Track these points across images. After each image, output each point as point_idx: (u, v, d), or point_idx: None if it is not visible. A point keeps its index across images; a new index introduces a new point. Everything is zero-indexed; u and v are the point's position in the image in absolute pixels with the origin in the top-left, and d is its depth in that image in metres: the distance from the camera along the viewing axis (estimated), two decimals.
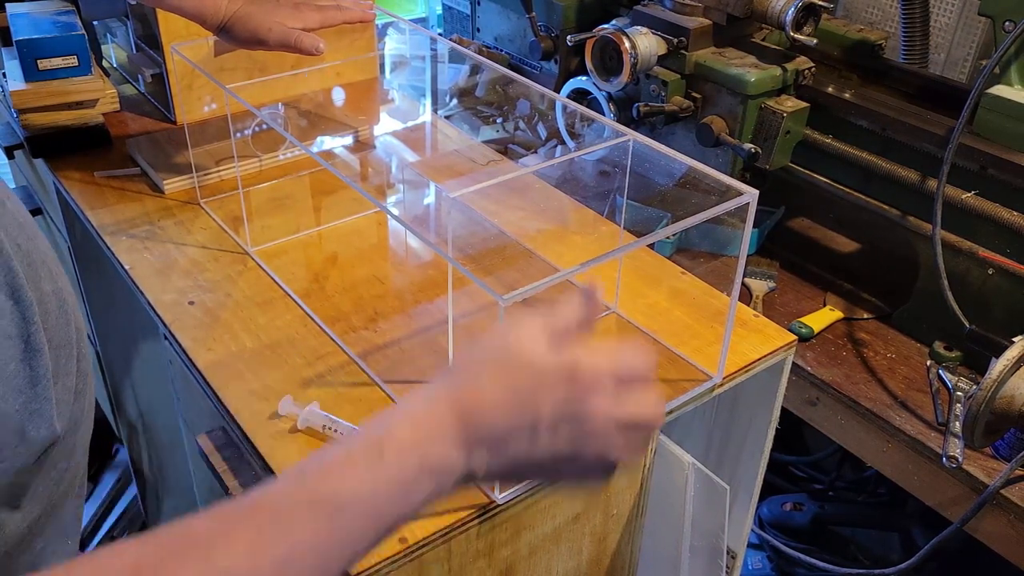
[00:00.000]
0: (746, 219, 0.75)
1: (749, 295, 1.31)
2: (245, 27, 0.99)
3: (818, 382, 1.17)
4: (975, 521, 1.02)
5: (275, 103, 1.32)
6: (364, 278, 1.00)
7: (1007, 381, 0.97)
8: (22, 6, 1.30)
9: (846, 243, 1.45)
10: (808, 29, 1.22)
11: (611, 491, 0.86)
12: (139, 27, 1.37)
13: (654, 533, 0.94)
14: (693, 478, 0.87)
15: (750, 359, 0.90)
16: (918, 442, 1.08)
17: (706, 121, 1.27)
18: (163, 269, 1.00)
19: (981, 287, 1.13)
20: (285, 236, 1.07)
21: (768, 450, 0.99)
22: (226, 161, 1.17)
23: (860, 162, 1.22)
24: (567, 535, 0.84)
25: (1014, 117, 1.07)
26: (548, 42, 1.51)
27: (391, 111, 1.40)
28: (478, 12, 1.69)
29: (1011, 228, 1.08)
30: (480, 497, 0.73)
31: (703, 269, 1.34)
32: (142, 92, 1.41)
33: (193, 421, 0.98)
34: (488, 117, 1.59)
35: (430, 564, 0.72)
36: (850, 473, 1.70)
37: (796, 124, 1.25)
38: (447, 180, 1.20)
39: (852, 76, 1.31)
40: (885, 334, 1.25)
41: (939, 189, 1.09)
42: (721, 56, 1.27)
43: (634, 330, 0.94)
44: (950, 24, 1.51)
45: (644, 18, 1.31)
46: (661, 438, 0.87)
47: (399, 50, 1.47)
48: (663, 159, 0.82)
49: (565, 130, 1.48)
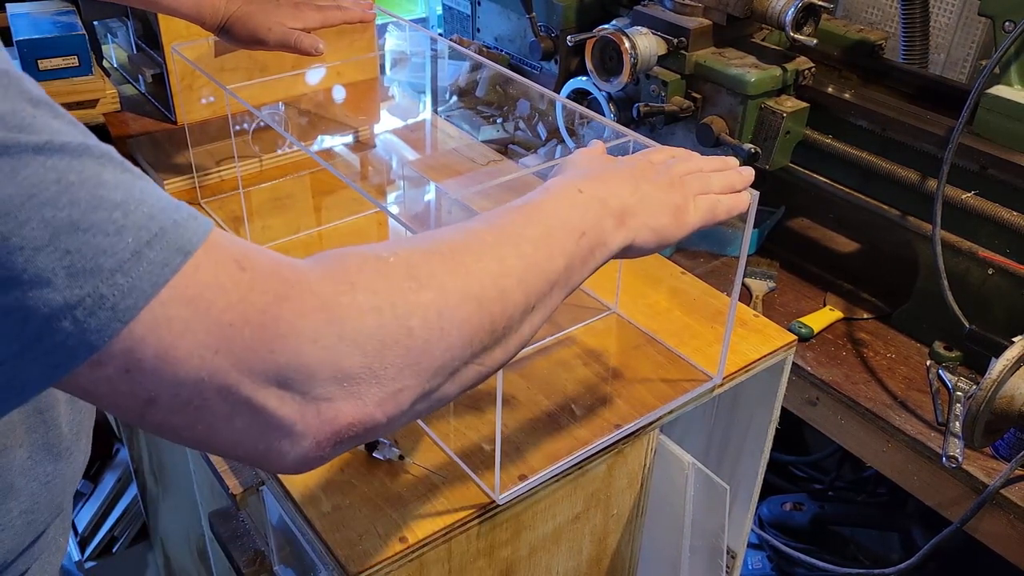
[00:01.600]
0: (746, 219, 0.75)
1: (749, 295, 1.31)
2: (245, 27, 0.99)
3: (818, 382, 1.17)
4: (975, 521, 1.02)
5: (275, 103, 1.32)
6: None
7: (1007, 381, 0.97)
8: (22, 6, 1.30)
9: (846, 243, 1.45)
10: (808, 29, 1.22)
11: (611, 491, 0.86)
12: (140, 27, 1.37)
13: (654, 533, 0.94)
14: (693, 478, 0.87)
15: (750, 359, 0.90)
16: (918, 442, 1.08)
17: (706, 121, 1.27)
18: None
19: (981, 287, 1.13)
20: (285, 236, 1.07)
21: (768, 450, 0.99)
22: (226, 161, 1.17)
23: (860, 162, 1.22)
24: (567, 535, 0.84)
25: (1014, 117, 1.07)
26: (548, 42, 1.51)
27: (391, 109, 1.41)
28: (478, 12, 1.69)
29: (1011, 228, 1.08)
30: (480, 497, 0.73)
31: (703, 269, 1.34)
32: (142, 92, 1.41)
33: None
34: (488, 117, 1.59)
35: (430, 564, 0.72)
36: (850, 473, 1.70)
37: (796, 124, 1.25)
38: (447, 179, 1.20)
39: (852, 76, 1.31)
40: (885, 334, 1.25)
41: (939, 189, 1.09)
42: (721, 56, 1.27)
43: (634, 330, 0.95)
44: (950, 24, 1.51)
45: (644, 18, 1.31)
46: (661, 438, 0.87)
47: (399, 47, 1.48)
48: None
49: (565, 130, 1.48)
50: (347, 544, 0.69)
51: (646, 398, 0.84)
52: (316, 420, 0.46)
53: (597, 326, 0.95)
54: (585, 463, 0.79)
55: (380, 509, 0.72)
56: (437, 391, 0.52)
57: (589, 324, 0.95)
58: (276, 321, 0.44)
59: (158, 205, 0.43)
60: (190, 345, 0.42)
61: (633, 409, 0.83)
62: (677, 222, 0.66)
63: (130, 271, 0.40)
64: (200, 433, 0.45)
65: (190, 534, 1.37)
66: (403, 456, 0.75)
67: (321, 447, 0.47)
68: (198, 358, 0.43)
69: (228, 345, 0.43)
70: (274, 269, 0.46)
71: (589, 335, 0.93)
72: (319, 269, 0.48)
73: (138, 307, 0.41)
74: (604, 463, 0.82)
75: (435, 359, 0.50)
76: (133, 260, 0.41)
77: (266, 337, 0.44)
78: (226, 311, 0.43)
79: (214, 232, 0.45)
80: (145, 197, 0.42)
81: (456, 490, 0.74)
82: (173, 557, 1.67)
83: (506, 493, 0.73)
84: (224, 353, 0.43)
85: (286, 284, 0.46)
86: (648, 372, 0.88)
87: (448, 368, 0.51)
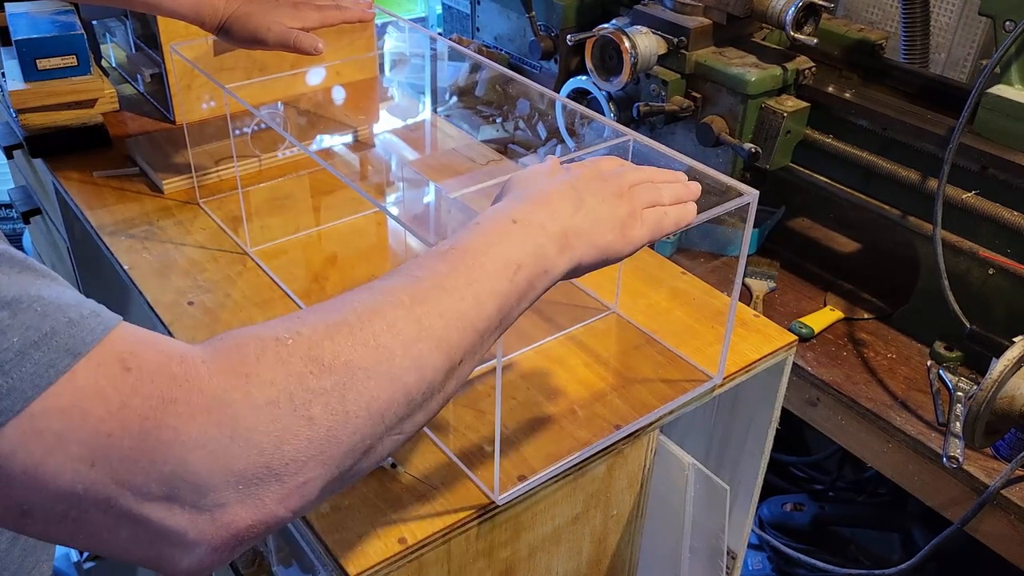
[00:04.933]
0: (747, 219, 0.75)
1: (749, 295, 1.30)
2: (244, 27, 0.99)
3: (818, 382, 1.17)
4: (975, 521, 1.02)
5: (274, 103, 1.32)
6: (364, 278, 1.00)
7: (1007, 381, 0.97)
8: (21, 6, 1.29)
9: (846, 243, 1.45)
10: (808, 29, 1.22)
11: (611, 492, 0.85)
12: (138, 27, 1.37)
13: (654, 534, 0.94)
14: (693, 478, 0.87)
15: (750, 359, 0.90)
16: (918, 442, 1.07)
17: (706, 121, 1.27)
18: (162, 269, 1.00)
19: (982, 287, 1.13)
20: (284, 236, 1.07)
21: (768, 450, 0.99)
22: (225, 161, 1.17)
23: (860, 162, 1.22)
24: (567, 536, 0.84)
25: (1014, 117, 1.07)
26: (548, 42, 1.51)
27: (391, 109, 1.40)
28: (478, 12, 1.69)
29: (1012, 228, 1.08)
30: (480, 497, 0.73)
31: (703, 269, 1.34)
32: (141, 92, 1.40)
33: None
34: (488, 116, 1.59)
35: (430, 564, 0.72)
36: (850, 473, 1.70)
37: (796, 124, 1.25)
38: (446, 179, 1.20)
39: (852, 76, 1.31)
40: (885, 334, 1.25)
41: (940, 189, 1.09)
42: (721, 56, 1.27)
43: (634, 330, 0.94)
44: (950, 24, 1.50)
45: (644, 18, 1.31)
46: (661, 438, 0.87)
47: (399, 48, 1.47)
48: (663, 159, 0.81)
49: (565, 130, 1.48)
50: (346, 545, 0.68)
51: (646, 398, 0.84)
52: (210, 528, 0.44)
53: (597, 326, 0.94)
54: (585, 463, 0.79)
55: (379, 510, 0.72)
56: (350, 471, 0.48)
57: (589, 324, 0.94)
58: (159, 428, 0.41)
59: (55, 303, 0.41)
60: (62, 459, 0.40)
61: (633, 409, 0.83)
62: (623, 238, 0.62)
63: (11, 372, 0.39)
64: (83, 543, 0.43)
65: None
66: (395, 464, 0.74)
67: (219, 552, 0.45)
68: (71, 472, 0.40)
69: (105, 457, 0.40)
70: (162, 366, 0.43)
71: (589, 335, 0.93)
72: (213, 362, 0.45)
73: (15, 411, 0.39)
74: (604, 463, 0.82)
75: (342, 445, 0.46)
76: (16, 360, 0.39)
77: (147, 447, 0.41)
78: (104, 420, 0.40)
79: (117, 328, 0.43)
80: (43, 295, 0.41)
81: (455, 491, 0.74)
82: None
83: (506, 494, 0.73)
84: (101, 466, 0.40)
85: (173, 383, 0.42)
86: (648, 372, 0.88)
87: (359, 449, 0.48)
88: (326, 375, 0.46)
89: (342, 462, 0.47)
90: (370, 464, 0.50)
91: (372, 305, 0.51)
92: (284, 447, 0.44)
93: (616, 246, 0.62)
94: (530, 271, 0.57)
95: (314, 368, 0.46)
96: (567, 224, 0.60)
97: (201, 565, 0.45)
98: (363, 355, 0.48)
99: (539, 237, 0.58)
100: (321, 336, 0.47)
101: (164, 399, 0.42)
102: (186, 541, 0.43)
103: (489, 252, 0.56)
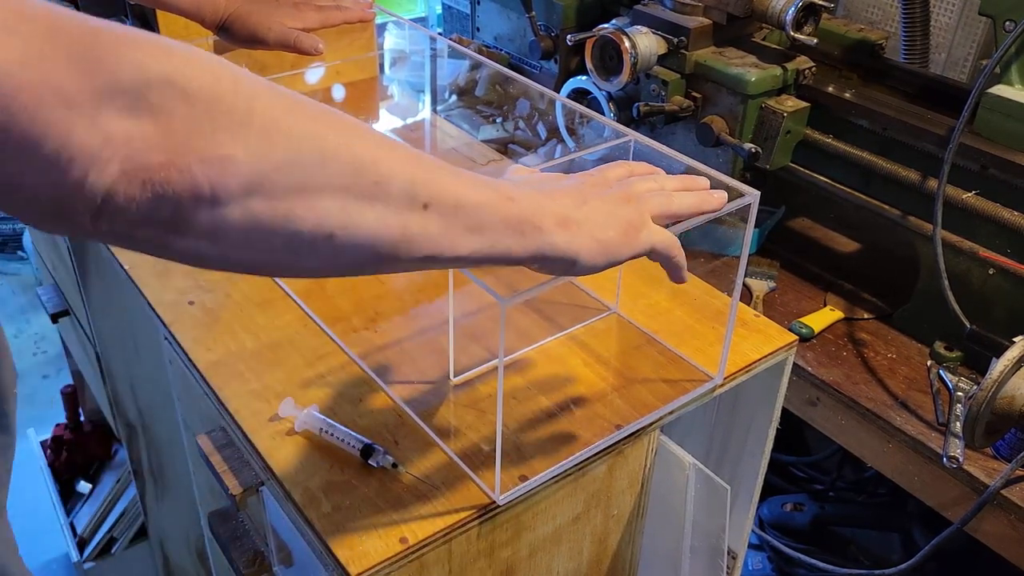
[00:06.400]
0: (747, 219, 0.75)
1: (749, 295, 1.31)
2: (244, 26, 0.99)
3: (818, 382, 1.17)
4: (975, 521, 1.02)
5: None
6: (364, 278, 1.00)
7: (1008, 381, 0.97)
8: None
9: (846, 243, 1.45)
10: (808, 29, 1.22)
11: (611, 492, 0.85)
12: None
13: (654, 534, 0.94)
14: (693, 478, 0.87)
15: (751, 359, 0.90)
16: (918, 442, 1.07)
17: (706, 121, 1.27)
18: (163, 269, 1.00)
19: (982, 287, 1.13)
20: None
21: (769, 450, 0.99)
22: None
23: (860, 162, 1.22)
24: (568, 536, 0.84)
25: (1015, 117, 1.07)
26: (548, 41, 1.51)
27: (390, 109, 1.40)
28: (478, 11, 1.69)
29: (1012, 228, 1.08)
30: (481, 497, 0.73)
31: (703, 269, 1.34)
32: None
33: (193, 421, 0.98)
34: (488, 116, 1.59)
35: (431, 564, 0.72)
36: (850, 473, 1.70)
37: (796, 124, 1.25)
38: None
39: (852, 76, 1.31)
40: (885, 334, 1.25)
41: (940, 189, 1.09)
42: (721, 56, 1.27)
43: (635, 330, 0.94)
44: (951, 24, 1.50)
45: (644, 17, 1.31)
46: (662, 438, 0.87)
47: (398, 47, 1.47)
48: (663, 159, 0.81)
49: (565, 130, 1.48)
50: (347, 545, 0.68)
51: (646, 398, 0.84)
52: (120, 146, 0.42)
53: (597, 326, 0.95)
54: (585, 463, 0.79)
55: (380, 510, 0.72)
56: (281, 202, 0.45)
57: (589, 324, 0.95)
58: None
59: None
60: None
61: (633, 409, 0.83)
62: (627, 238, 0.60)
63: None
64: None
65: (189, 535, 1.37)
66: (396, 464, 0.74)
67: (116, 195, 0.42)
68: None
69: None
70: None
71: (589, 335, 0.93)
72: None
73: None
74: (604, 463, 0.82)
75: (275, 148, 0.45)
76: None
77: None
78: None
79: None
80: None
81: (456, 490, 0.74)
82: (172, 558, 1.67)
83: (506, 494, 0.73)
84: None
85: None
86: (648, 372, 0.88)
87: (295, 176, 0.45)
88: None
89: (272, 174, 0.45)
90: (310, 220, 0.47)
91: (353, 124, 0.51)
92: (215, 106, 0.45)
93: (617, 244, 0.60)
94: (522, 210, 0.56)
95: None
96: (569, 214, 0.58)
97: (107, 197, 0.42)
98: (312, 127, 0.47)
99: (537, 206, 0.57)
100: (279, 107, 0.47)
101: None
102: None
103: (478, 184, 0.56)
